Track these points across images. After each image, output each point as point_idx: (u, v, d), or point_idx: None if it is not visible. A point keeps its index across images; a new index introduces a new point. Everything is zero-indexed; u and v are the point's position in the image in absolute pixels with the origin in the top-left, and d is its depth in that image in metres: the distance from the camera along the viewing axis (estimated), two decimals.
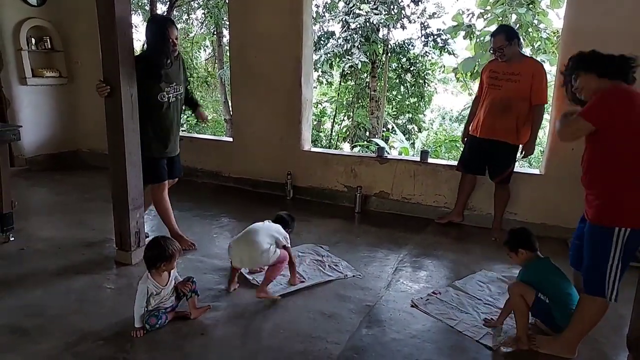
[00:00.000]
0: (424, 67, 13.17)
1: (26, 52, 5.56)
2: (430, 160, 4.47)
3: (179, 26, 15.72)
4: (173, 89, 3.22)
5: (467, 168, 4.00)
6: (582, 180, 2.26)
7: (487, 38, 8.44)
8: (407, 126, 14.14)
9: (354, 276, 3.11)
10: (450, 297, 2.87)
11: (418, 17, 12.08)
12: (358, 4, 11.09)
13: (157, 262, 2.42)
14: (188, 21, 14.97)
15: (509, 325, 2.52)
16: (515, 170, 3.90)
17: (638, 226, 2.06)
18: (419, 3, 11.55)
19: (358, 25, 11.16)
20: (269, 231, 2.85)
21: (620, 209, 2.07)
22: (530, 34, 8.40)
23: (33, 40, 5.66)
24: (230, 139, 5.46)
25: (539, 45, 8.57)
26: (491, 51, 3.73)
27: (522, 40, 3.75)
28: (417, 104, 14.15)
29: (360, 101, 13.54)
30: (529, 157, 4.03)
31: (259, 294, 2.73)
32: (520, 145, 3.80)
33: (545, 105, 3.81)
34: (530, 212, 4.05)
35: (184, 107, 3.50)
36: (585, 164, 2.21)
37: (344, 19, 11.53)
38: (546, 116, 4.48)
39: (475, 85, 8.00)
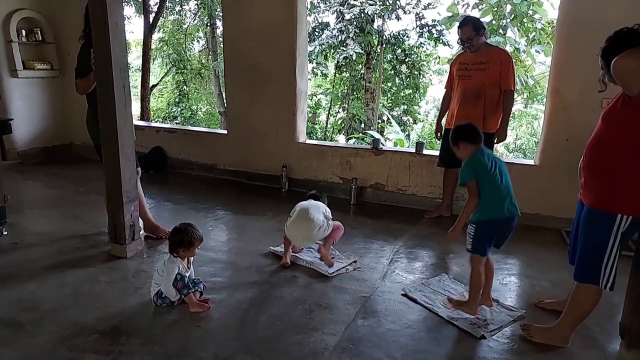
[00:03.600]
0: (419, 58, 13.11)
1: (16, 44, 5.49)
2: (425, 151, 4.47)
3: (171, 17, 15.39)
4: None
5: (448, 163, 4.02)
6: (583, 165, 2.18)
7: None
8: (402, 118, 14.13)
9: (354, 270, 3.10)
10: (442, 284, 2.91)
11: (413, 8, 12.02)
12: None
13: (177, 247, 2.54)
14: (181, 12, 14.82)
15: (513, 329, 2.54)
16: (509, 161, 3.91)
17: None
18: None
19: (353, 16, 11.09)
20: (319, 208, 3.13)
21: (625, 195, 2.01)
22: (525, 24, 8.38)
23: (23, 32, 5.59)
24: (225, 132, 5.44)
25: (534, 36, 8.55)
26: (459, 42, 3.77)
27: (487, 30, 3.80)
28: (412, 96, 14.12)
29: (355, 93, 13.50)
30: (502, 142, 4.06)
31: (321, 250, 3.08)
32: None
33: (542, 97, 3.83)
34: (525, 202, 4.02)
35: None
36: (593, 147, 2.12)
37: (338, 10, 11.46)
38: (541, 107, 4.49)
39: None
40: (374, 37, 11.59)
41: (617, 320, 2.38)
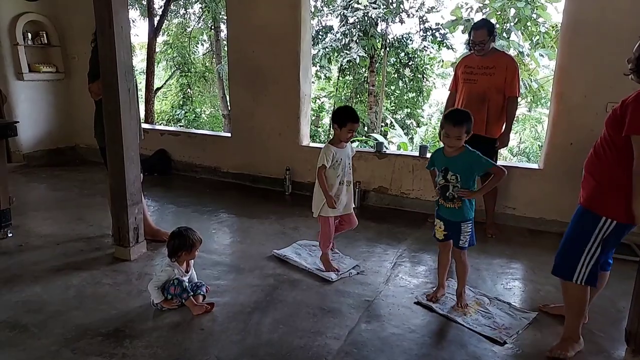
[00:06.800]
0: (422, 61, 13.13)
1: (22, 47, 5.53)
2: (429, 155, 4.46)
3: (175, 21, 15.44)
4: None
5: None
6: (585, 164, 2.21)
7: None
8: (406, 121, 14.13)
9: (357, 273, 3.10)
10: (450, 289, 2.88)
11: (416, 12, 12.05)
12: None
13: (178, 251, 2.55)
14: (185, 16, 14.89)
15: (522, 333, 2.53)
16: (513, 165, 3.90)
17: (625, 221, 2.04)
18: None
19: (356, 20, 11.12)
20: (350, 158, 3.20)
21: (612, 200, 2.04)
22: (529, 28, 8.38)
23: (29, 35, 5.63)
24: (229, 135, 5.46)
25: (538, 40, 8.55)
26: (470, 44, 3.73)
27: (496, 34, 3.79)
28: (415, 99, 14.13)
29: (358, 96, 13.52)
30: (505, 148, 4.04)
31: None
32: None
33: (546, 101, 3.82)
34: (529, 206, 4.06)
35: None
36: (595, 149, 2.15)
37: (342, 13, 11.50)
38: (545, 111, 4.49)
39: None
40: (377, 41, 11.61)
41: (622, 326, 2.36)
